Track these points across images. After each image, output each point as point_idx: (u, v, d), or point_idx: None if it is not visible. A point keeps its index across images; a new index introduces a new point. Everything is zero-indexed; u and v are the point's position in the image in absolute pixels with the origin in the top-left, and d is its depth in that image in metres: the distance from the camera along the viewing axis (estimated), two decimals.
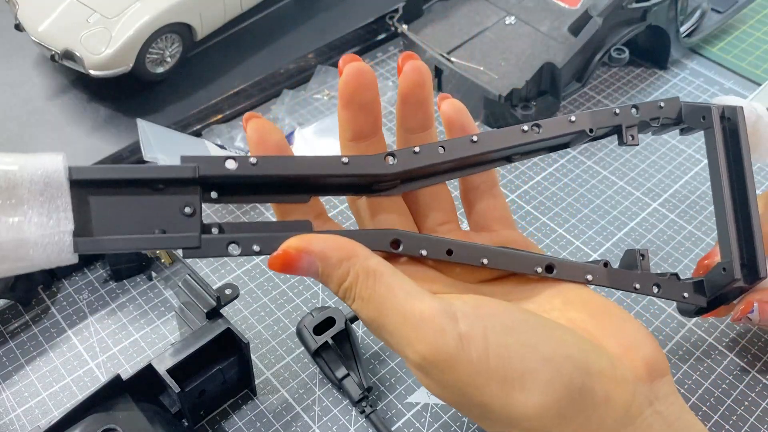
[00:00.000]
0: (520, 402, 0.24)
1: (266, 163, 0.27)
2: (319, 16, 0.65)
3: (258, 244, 0.26)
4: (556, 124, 0.31)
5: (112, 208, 0.25)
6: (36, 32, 0.54)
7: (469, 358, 0.24)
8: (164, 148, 0.45)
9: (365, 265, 0.25)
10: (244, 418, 0.37)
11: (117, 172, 0.25)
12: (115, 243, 0.25)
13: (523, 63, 0.52)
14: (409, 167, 0.28)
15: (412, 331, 0.24)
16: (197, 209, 0.26)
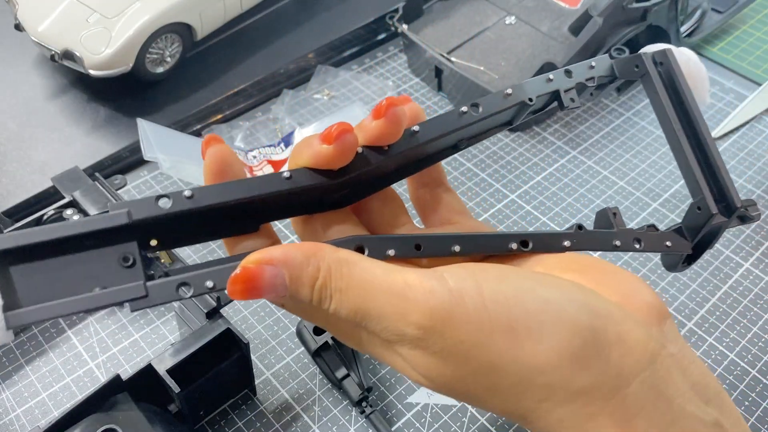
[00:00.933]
0: (529, 351, 0.22)
1: (203, 194, 0.25)
2: (319, 16, 0.64)
3: (211, 279, 0.24)
4: (494, 100, 0.29)
5: (43, 273, 0.23)
6: (36, 32, 0.54)
7: (465, 310, 0.22)
8: (164, 147, 0.45)
9: (335, 256, 0.23)
10: (244, 418, 0.37)
11: (39, 234, 0.23)
12: (53, 309, 0.23)
13: (523, 63, 0.52)
14: (355, 172, 0.26)
15: (400, 302, 0.22)
16: (137, 258, 0.24)
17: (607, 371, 0.23)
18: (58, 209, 0.41)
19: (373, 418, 0.36)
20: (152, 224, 0.24)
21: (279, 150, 0.51)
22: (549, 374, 0.23)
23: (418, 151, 0.29)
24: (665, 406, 0.23)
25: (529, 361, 0.23)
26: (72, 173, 0.43)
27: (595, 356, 0.23)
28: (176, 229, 0.25)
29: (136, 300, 0.23)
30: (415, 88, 0.58)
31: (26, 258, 0.23)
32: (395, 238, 0.26)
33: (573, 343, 0.23)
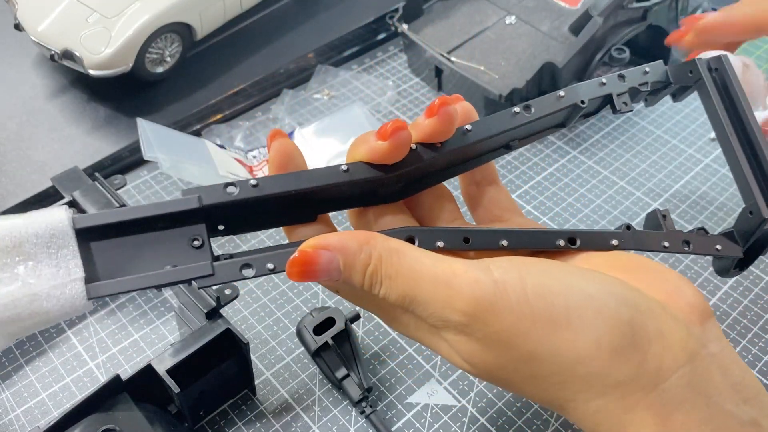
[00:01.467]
0: (569, 342, 0.23)
1: (267, 183, 0.26)
2: (319, 15, 0.64)
3: (272, 261, 0.25)
4: (547, 101, 0.30)
5: (120, 250, 0.25)
6: (35, 32, 0.54)
7: (508, 301, 0.23)
8: (164, 147, 0.45)
9: (386, 245, 0.25)
10: (244, 419, 0.37)
11: (119, 215, 0.25)
12: (129, 283, 0.25)
13: (523, 63, 0.52)
14: (409, 166, 0.28)
15: (446, 290, 0.24)
16: (205, 240, 0.26)
17: (645, 365, 0.23)
18: None
19: (372, 419, 0.36)
20: (220, 209, 0.26)
21: None
22: (588, 365, 0.23)
23: (470, 149, 0.29)
24: (703, 402, 0.24)
25: (568, 352, 0.23)
26: (72, 173, 0.43)
27: (634, 350, 0.23)
28: (241, 215, 0.27)
29: (204, 278, 0.25)
30: (415, 88, 0.58)
31: (106, 235, 0.25)
32: (445, 230, 0.27)
33: (613, 336, 0.23)
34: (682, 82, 0.34)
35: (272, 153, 0.27)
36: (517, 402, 0.38)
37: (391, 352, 0.40)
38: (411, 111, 0.56)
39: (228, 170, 0.47)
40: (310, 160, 0.50)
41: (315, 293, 0.43)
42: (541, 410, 0.37)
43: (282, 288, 0.43)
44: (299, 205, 0.28)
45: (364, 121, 0.51)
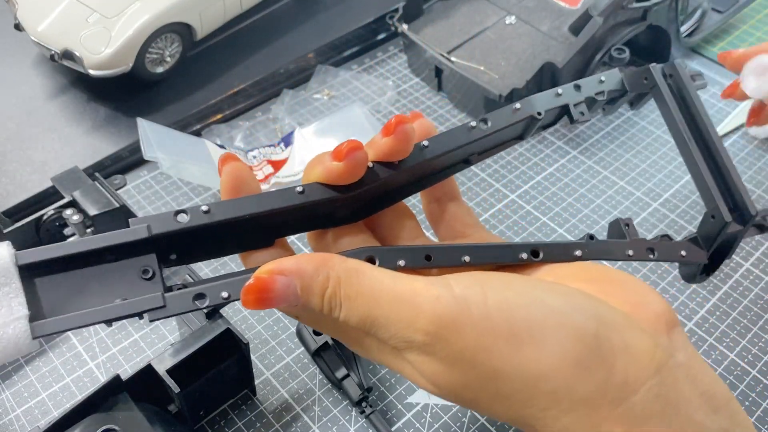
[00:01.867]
0: (533, 357, 0.23)
1: (219, 209, 0.25)
2: (319, 15, 0.64)
3: (226, 290, 0.24)
4: (503, 114, 0.30)
5: (66, 285, 0.24)
6: (35, 32, 0.54)
7: (470, 317, 0.23)
8: (164, 147, 0.45)
9: (344, 266, 0.24)
10: (244, 419, 0.37)
11: (64, 249, 0.24)
12: (76, 319, 0.23)
13: (523, 63, 0.52)
14: (366, 186, 0.27)
15: (408, 309, 0.23)
16: (156, 270, 0.25)
17: (611, 379, 0.23)
18: (57, 209, 0.41)
19: (372, 419, 0.36)
20: (171, 238, 0.25)
21: (279, 150, 0.51)
22: (552, 381, 0.23)
23: (428, 165, 0.29)
24: (673, 414, 0.23)
25: (532, 368, 0.23)
26: (72, 173, 0.43)
27: (600, 363, 0.23)
28: (194, 243, 0.26)
29: (155, 310, 0.24)
30: (415, 88, 0.58)
31: (50, 270, 0.24)
32: (405, 249, 0.27)
33: (576, 349, 0.23)
34: (637, 89, 0.34)
35: (223, 177, 0.26)
36: None
37: None
38: (411, 111, 0.56)
39: None
40: (311, 159, 0.50)
41: None
42: None
43: None
44: (254, 230, 0.27)
45: (364, 121, 0.51)
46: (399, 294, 0.23)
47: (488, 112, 0.53)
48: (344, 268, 0.24)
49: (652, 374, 0.23)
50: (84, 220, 0.41)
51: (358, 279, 0.24)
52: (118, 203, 0.40)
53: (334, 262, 0.24)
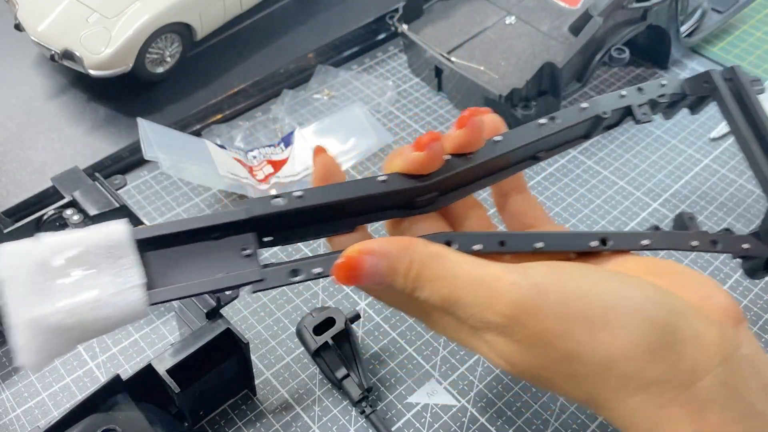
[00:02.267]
0: (606, 342, 0.24)
1: (311, 195, 0.28)
2: (319, 15, 0.65)
3: (319, 266, 0.27)
4: (570, 113, 0.32)
5: (174, 259, 0.27)
6: (36, 32, 0.54)
7: (547, 303, 0.24)
8: (165, 147, 0.45)
9: (427, 250, 0.26)
10: (244, 418, 0.37)
11: (175, 226, 0.27)
12: (185, 289, 0.26)
13: (523, 63, 0.52)
14: (443, 176, 0.29)
15: (487, 293, 0.25)
16: (254, 249, 0.27)
17: (680, 365, 0.24)
18: (58, 209, 0.41)
19: (372, 418, 0.36)
20: (268, 220, 0.28)
21: (279, 150, 0.51)
22: (624, 364, 0.24)
23: (499, 160, 0.31)
24: (736, 402, 0.25)
25: (606, 352, 0.24)
26: (72, 173, 0.43)
27: (670, 350, 0.24)
28: (287, 226, 0.29)
29: (256, 283, 0.27)
30: (415, 88, 0.58)
31: (161, 245, 0.26)
32: (481, 235, 0.29)
33: (648, 336, 0.24)
34: (697, 92, 0.36)
35: (316, 167, 0.29)
36: (516, 402, 0.38)
37: (391, 352, 0.40)
38: (411, 111, 0.56)
39: (228, 170, 0.47)
40: (310, 160, 0.50)
41: (315, 293, 0.43)
42: (540, 410, 0.37)
43: (282, 288, 0.43)
44: (340, 216, 0.29)
45: (364, 122, 0.51)
46: (478, 278, 0.25)
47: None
48: (427, 251, 0.26)
49: (718, 363, 0.25)
50: (84, 220, 0.41)
51: (440, 262, 0.26)
52: (118, 203, 0.40)
53: (418, 245, 0.26)
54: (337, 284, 0.28)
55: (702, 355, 0.25)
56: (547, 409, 0.37)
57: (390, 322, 0.41)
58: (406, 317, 0.42)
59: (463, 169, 0.30)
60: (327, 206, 0.28)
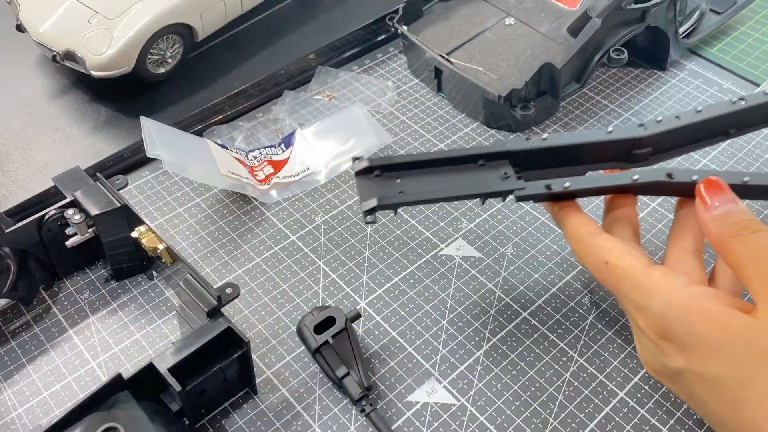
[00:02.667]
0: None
1: (552, 138, 0.37)
2: (319, 16, 0.65)
3: (568, 182, 0.36)
4: (757, 96, 0.38)
5: (452, 176, 0.37)
6: (37, 33, 0.54)
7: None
8: (167, 145, 0.45)
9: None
10: (245, 417, 0.37)
11: (453, 153, 0.38)
12: (466, 189, 0.37)
13: (522, 64, 0.53)
14: (657, 130, 0.37)
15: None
16: (511, 173, 0.37)
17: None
18: (59, 209, 0.41)
19: (372, 417, 0.37)
20: (520, 154, 0.37)
21: (279, 150, 0.51)
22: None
23: (702, 127, 0.38)
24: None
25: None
26: (73, 173, 0.43)
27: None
28: (532, 163, 0.38)
29: (518, 190, 0.36)
30: (414, 89, 0.58)
31: (443, 164, 0.37)
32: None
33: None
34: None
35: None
36: (516, 401, 0.38)
37: (391, 351, 0.40)
38: (411, 112, 0.56)
39: (229, 170, 0.47)
40: (311, 160, 0.50)
41: (316, 293, 0.43)
42: (539, 409, 0.38)
43: (283, 287, 0.44)
44: (572, 161, 0.38)
45: (365, 122, 0.51)
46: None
47: (488, 113, 0.55)
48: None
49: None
50: (86, 220, 0.41)
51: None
52: (120, 203, 0.41)
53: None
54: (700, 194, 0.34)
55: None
56: (546, 408, 0.38)
57: (390, 321, 0.42)
58: (406, 316, 0.42)
59: (673, 127, 0.37)
60: (564, 147, 0.37)
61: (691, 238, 0.35)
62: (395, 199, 0.36)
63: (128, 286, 0.44)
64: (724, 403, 0.29)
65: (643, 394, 0.38)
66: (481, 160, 0.37)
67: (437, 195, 0.36)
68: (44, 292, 0.43)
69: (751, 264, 0.30)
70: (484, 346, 0.40)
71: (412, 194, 0.36)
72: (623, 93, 0.58)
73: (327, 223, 0.47)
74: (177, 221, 0.48)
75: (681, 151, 0.39)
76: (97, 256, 0.45)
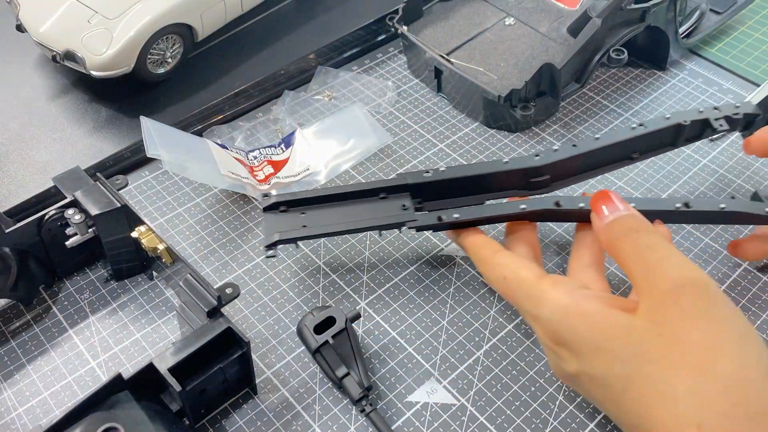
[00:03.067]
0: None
1: (450, 171, 0.40)
2: (319, 17, 0.65)
3: (457, 213, 0.38)
4: (656, 121, 0.41)
5: (352, 209, 0.41)
6: (37, 33, 0.54)
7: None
8: (167, 145, 0.45)
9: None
10: (245, 417, 0.37)
11: (356, 187, 0.41)
12: (365, 222, 0.40)
13: (522, 64, 0.53)
14: (551, 160, 0.39)
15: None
16: (410, 205, 0.40)
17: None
18: (59, 209, 0.41)
19: (373, 417, 0.37)
20: (418, 186, 0.40)
21: (279, 150, 0.51)
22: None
23: (601, 153, 0.39)
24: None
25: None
26: (73, 173, 0.43)
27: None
28: (431, 192, 0.40)
29: (411, 222, 0.39)
30: (414, 89, 0.58)
31: (344, 199, 0.41)
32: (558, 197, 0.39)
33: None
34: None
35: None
36: (516, 401, 0.38)
37: (391, 351, 0.40)
38: (411, 112, 0.56)
39: (229, 170, 0.47)
40: (311, 160, 0.50)
41: (316, 293, 0.43)
42: (539, 409, 0.38)
43: (283, 287, 0.44)
44: (470, 188, 0.40)
45: (365, 122, 0.51)
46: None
47: (488, 113, 0.56)
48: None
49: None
50: (86, 220, 0.41)
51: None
52: (120, 203, 0.41)
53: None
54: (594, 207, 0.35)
55: None
56: (546, 408, 0.38)
57: (390, 321, 0.42)
58: (406, 316, 0.42)
59: (570, 156, 0.38)
60: (461, 179, 0.39)
61: (588, 253, 0.37)
62: (297, 233, 0.39)
63: (128, 286, 0.44)
64: (613, 400, 0.30)
65: None
66: (382, 193, 0.40)
67: (337, 228, 0.39)
68: (44, 292, 0.43)
69: (634, 262, 0.31)
70: (484, 346, 0.40)
71: (314, 228, 0.39)
72: (623, 93, 0.58)
73: None
74: (177, 221, 0.48)
75: (585, 176, 0.40)
76: (97, 256, 0.45)
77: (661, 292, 0.29)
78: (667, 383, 0.27)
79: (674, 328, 0.28)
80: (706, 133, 0.43)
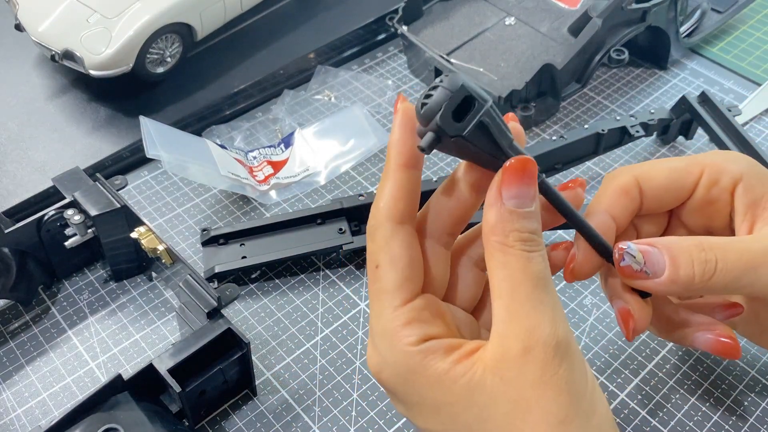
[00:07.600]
0: None
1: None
2: (319, 16, 0.65)
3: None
4: (576, 132, 0.43)
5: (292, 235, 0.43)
6: (36, 32, 0.54)
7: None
8: (167, 145, 0.45)
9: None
10: (245, 419, 0.37)
11: (295, 215, 0.44)
12: (301, 249, 0.42)
13: (522, 64, 0.52)
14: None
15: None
16: (346, 228, 0.43)
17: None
18: (58, 209, 0.41)
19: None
20: (353, 210, 0.43)
21: (279, 150, 0.51)
22: None
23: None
24: None
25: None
26: (72, 173, 0.43)
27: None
28: (366, 215, 0.38)
29: (347, 244, 0.42)
30: (414, 89, 0.58)
31: (284, 227, 0.44)
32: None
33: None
34: (680, 116, 0.47)
35: (399, 114, 0.28)
36: None
37: None
38: None
39: (229, 170, 0.47)
40: (310, 161, 0.50)
41: (315, 294, 0.43)
42: None
43: (282, 288, 0.43)
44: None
45: (364, 122, 0.51)
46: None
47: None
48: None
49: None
50: (85, 220, 0.41)
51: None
52: (119, 203, 0.40)
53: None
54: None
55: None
56: None
57: None
58: None
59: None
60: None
61: (448, 220, 0.30)
62: (236, 264, 0.42)
63: (128, 287, 0.44)
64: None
65: (644, 396, 0.38)
66: (319, 219, 0.43)
67: (276, 256, 0.42)
68: (43, 292, 0.43)
69: (505, 291, 0.26)
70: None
71: (253, 257, 0.42)
72: (624, 93, 0.58)
73: None
74: (176, 222, 0.47)
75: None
76: (96, 257, 0.44)
77: (518, 347, 0.26)
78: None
79: (523, 394, 0.26)
80: (624, 140, 0.46)
